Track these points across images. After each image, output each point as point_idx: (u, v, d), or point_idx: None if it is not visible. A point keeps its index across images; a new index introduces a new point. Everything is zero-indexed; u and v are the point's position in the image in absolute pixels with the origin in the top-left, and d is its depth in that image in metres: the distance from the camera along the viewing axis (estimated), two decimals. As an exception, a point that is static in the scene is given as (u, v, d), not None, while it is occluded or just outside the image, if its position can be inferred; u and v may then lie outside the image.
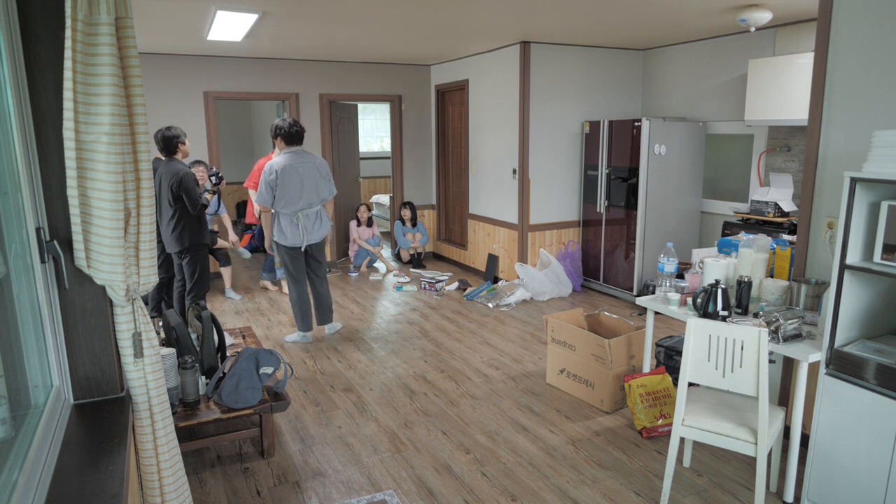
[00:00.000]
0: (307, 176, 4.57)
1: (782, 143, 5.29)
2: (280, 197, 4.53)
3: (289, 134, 4.57)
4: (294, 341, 4.92)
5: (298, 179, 4.54)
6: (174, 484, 2.00)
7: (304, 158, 4.59)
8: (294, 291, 4.80)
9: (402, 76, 7.82)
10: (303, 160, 4.58)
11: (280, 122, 4.61)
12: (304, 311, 4.84)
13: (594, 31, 5.49)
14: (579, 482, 2.95)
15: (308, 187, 4.58)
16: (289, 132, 4.57)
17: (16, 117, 1.65)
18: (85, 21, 1.61)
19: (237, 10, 4.42)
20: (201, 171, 6.02)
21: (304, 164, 4.57)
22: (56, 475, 1.52)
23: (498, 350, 4.76)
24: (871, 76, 2.79)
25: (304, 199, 4.59)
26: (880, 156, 2.31)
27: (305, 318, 4.85)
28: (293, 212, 4.59)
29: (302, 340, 4.93)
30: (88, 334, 1.88)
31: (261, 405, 3.07)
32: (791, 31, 5.07)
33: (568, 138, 6.40)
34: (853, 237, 2.39)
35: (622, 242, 6.05)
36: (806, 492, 2.60)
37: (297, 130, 4.60)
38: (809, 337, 2.75)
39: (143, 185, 1.82)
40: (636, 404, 3.39)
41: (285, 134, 4.57)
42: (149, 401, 1.91)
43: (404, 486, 2.94)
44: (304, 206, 4.61)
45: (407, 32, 5.42)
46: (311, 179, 4.59)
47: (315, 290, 4.90)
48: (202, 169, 6.03)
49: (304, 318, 4.85)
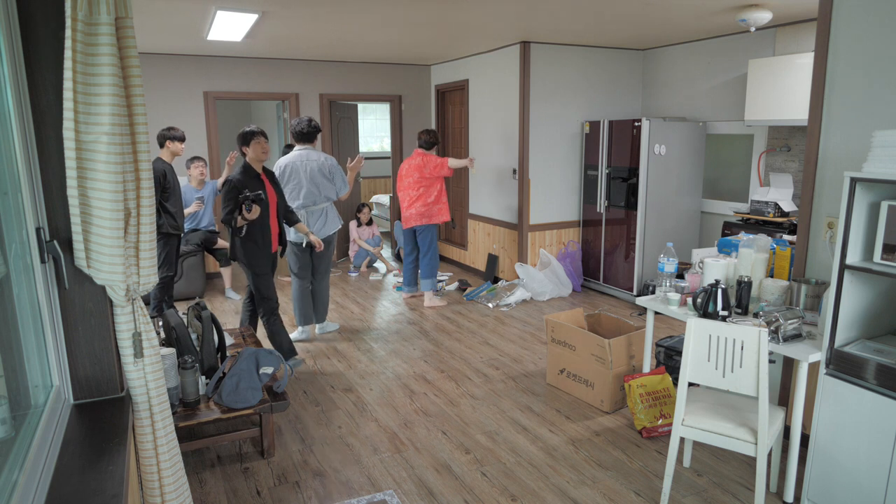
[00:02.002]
0: (309, 174, 4.67)
1: (782, 143, 5.29)
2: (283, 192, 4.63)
3: (297, 133, 4.73)
4: (295, 339, 4.95)
5: (299, 177, 4.67)
6: (174, 484, 2.00)
7: (309, 157, 4.68)
8: (296, 287, 4.88)
9: (402, 76, 7.83)
10: (307, 158, 4.67)
11: (293, 121, 4.79)
12: (303, 307, 4.91)
13: (594, 31, 5.49)
14: (579, 482, 2.95)
15: (309, 185, 4.67)
16: (296, 130, 4.72)
17: (16, 117, 1.65)
18: (85, 21, 1.61)
19: (237, 10, 4.42)
20: (199, 167, 6.03)
21: (308, 162, 4.67)
22: (56, 475, 1.52)
23: (498, 350, 4.76)
24: (871, 76, 2.79)
25: (305, 196, 4.68)
26: (880, 156, 2.31)
27: (303, 314, 4.93)
28: (296, 208, 4.69)
29: (300, 336, 4.98)
30: (88, 334, 1.88)
31: (261, 405, 3.07)
32: (791, 31, 5.07)
33: (568, 138, 6.40)
34: (853, 237, 2.39)
35: (622, 242, 6.05)
36: (806, 492, 2.60)
37: (302, 130, 4.70)
38: (809, 337, 2.75)
39: (143, 185, 1.82)
40: (636, 404, 3.39)
41: (294, 132, 4.74)
42: (149, 401, 1.91)
43: (404, 486, 2.94)
44: (308, 203, 4.70)
45: (407, 32, 5.42)
46: (313, 178, 4.68)
47: (315, 286, 4.97)
48: (200, 165, 6.04)
49: (302, 313, 4.93)
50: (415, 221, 5.83)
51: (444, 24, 5.05)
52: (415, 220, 5.83)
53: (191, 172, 6.02)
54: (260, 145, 4.05)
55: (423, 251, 5.92)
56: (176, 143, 4.90)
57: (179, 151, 4.98)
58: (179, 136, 4.92)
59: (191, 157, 6.12)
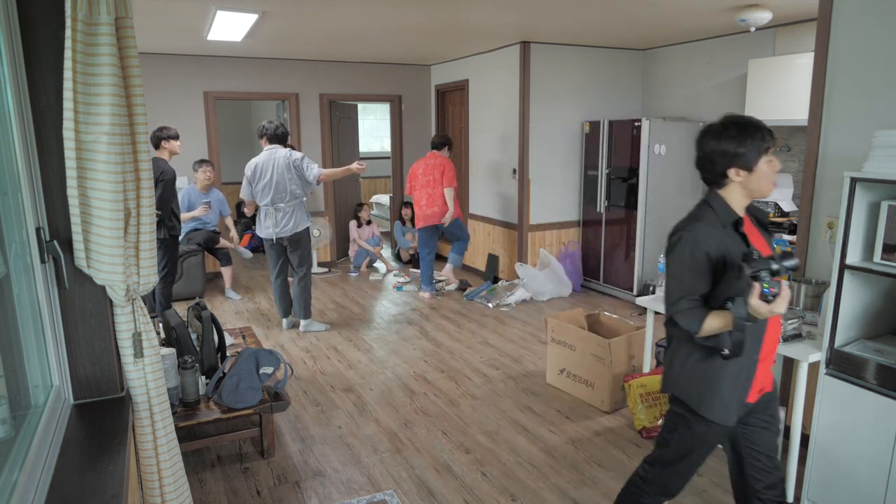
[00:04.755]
0: (275, 172, 4.83)
1: (782, 143, 5.29)
2: (257, 191, 4.91)
3: (271, 134, 4.94)
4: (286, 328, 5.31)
5: (268, 175, 4.85)
6: (174, 484, 2.00)
7: (276, 154, 4.85)
8: (272, 281, 5.21)
9: (402, 76, 7.83)
10: (274, 155, 4.85)
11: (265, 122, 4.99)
12: (279, 300, 5.23)
13: (594, 31, 5.49)
14: (579, 482, 2.95)
15: (276, 183, 4.83)
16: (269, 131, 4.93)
17: (16, 117, 1.65)
18: (85, 21, 1.61)
19: (237, 10, 4.42)
20: (208, 171, 6.02)
21: (276, 158, 4.84)
22: (56, 475, 1.52)
23: (498, 350, 4.76)
24: (871, 76, 2.79)
25: (273, 193, 4.85)
26: (880, 156, 2.31)
27: (281, 306, 5.25)
28: (265, 205, 4.89)
29: (287, 327, 5.29)
30: (88, 334, 1.88)
31: (261, 405, 3.07)
32: (791, 31, 5.07)
33: (568, 138, 6.40)
34: (853, 237, 2.39)
35: (622, 242, 6.05)
36: (806, 492, 2.60)
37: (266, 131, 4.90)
38: (809, 337, 2.75)
39: (143, 185, 1.82)
40: (636, 404, 3.39)
41: (269, 133, 4.94)
42: (149, 401, 1.91)
43: (404, 486, 2.94)
44: (277, 200, 4.86)
45: (407, 32, 5.42)
46: (280, 173, 4.83)
47: (295, 283, 5.19)
48: (209, 169, 6.03)
49: (280, 305, 5.25)
50: (436, 220, 5.97)
51: (444, 24, 5.05)
52: (436, 218, 5.97)
53: (198, 176, 6.02)
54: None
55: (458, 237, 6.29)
56: (172, 141, 4.90)
57: (177, 150, 4.98)
58: (174, 135, 4.92)
59: (199, 161, 6.11)
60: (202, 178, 6.02)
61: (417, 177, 6.01)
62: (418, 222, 6.09)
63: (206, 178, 6.04)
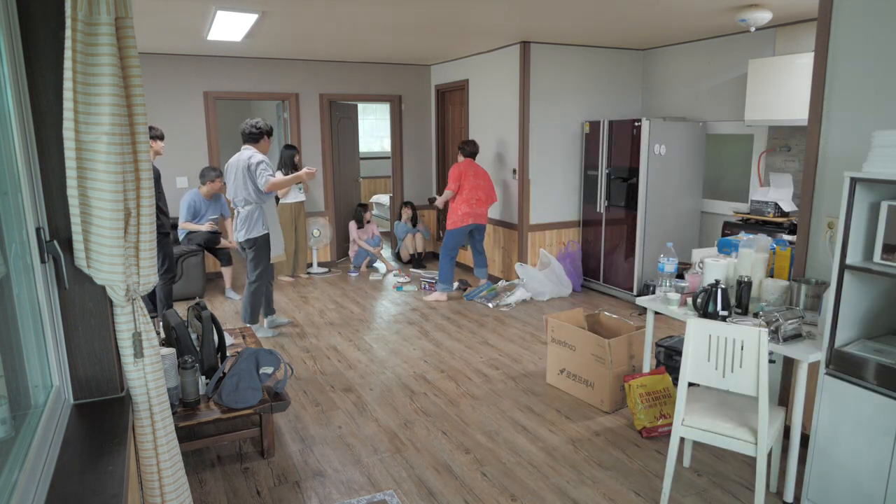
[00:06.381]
0: (236, 174, 4.80)
1: (782, 143, 5.29)
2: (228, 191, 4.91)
3: (241, 133, 4.90)
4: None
5: (232, 176, 4.84)
6: (174, 484, 2.00)
7: (241, 156, 4.80)
8: None
9: (402, 76, 7.83)
10: (239, 157, 4.81)
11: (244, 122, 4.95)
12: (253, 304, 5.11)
13: (594, 31, 5.49)
14: (579, 482, 2.95)
15: (235, 185, 4.81)
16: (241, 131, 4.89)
17: (16, 117, 1.65)
18: (85, 21, 1.61)
19: (237, 10, 4.42)
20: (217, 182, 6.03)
21: (239, 160, 4.79)
22: (56, 475, 1.52)
23: (498, 350, 4.76)
24: (871, 76, 2.79)
25: (233, 195, 4.86)
26: (880, 156, 2.31)
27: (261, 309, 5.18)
28: (232, 206, 4.92)
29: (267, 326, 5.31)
30: (88, 334, 1.88)
31: (261, 405, 3.07)
32: (791, 31, 5.07)
33: (568, 138, 6.40)
34: (853, 237, 2.39)
35: (622, 242, 6.05)
36: (806, 492, 2.60)
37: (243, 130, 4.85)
38: (809, 337, 2.75)
39: (143, 185, 1.82)
40: (636, 404, 3.39)
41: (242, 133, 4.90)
42: (149, 401, 1.91)
43: (404, 486, 2.94)
44: (237, 203, 4.85)
45: (407, 32, 5.42)
46: (236, 176, 4.80)
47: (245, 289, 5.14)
48: (219, 181, 6.03)
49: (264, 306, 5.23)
50: (484, 220, 6.11)
51: (444, 24, 5.05)
52: (484, 218, 6.11)
53: (211, 185, 6.02)
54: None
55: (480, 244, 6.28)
56: (157, 141, 4.90)
57: (161, 150, 4.98)
58: (159, 135, 4.92)
59: (209, 169, 6.09)
60: (213, 189, 6.05)
61: (472, 176, 5.98)
62: (465, 219, 5.96)
63: (216, 189, 6.08)
